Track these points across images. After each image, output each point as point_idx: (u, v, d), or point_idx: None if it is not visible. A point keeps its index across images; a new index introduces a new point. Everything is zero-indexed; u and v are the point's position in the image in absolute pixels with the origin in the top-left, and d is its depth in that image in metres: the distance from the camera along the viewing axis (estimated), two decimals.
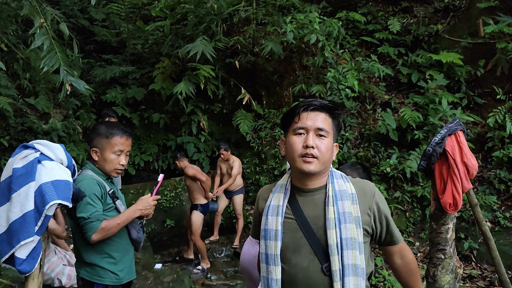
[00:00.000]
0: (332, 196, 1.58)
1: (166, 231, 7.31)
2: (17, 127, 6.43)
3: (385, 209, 1.62)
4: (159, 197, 2.59)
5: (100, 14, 10.15)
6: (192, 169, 5.75)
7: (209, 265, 5.79)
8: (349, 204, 1.55)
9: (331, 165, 1.69)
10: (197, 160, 8.06)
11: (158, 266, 5.27)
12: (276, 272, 1.56)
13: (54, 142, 2.01)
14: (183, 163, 5.88)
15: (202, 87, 7.37)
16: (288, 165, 3.21)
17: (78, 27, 9.66)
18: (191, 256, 6.06)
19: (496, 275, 4.64)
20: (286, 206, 1.63)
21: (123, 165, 2.44)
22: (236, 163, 6.47)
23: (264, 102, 8.00)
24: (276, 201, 1.65)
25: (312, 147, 1.54)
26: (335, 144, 1.66)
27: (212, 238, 6.59)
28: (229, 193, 6.56)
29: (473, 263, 5.04)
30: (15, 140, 6.33)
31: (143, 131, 8.55)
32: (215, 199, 6.43)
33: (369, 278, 1.68)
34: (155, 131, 8.57)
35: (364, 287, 1.52)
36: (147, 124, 8.55)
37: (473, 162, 2.55)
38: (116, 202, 2.39)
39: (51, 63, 4.97)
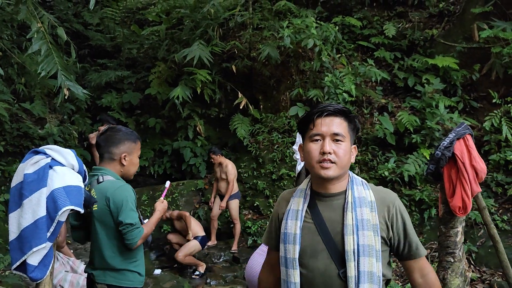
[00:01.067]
0: (351, 202, 1.58)
1: (163, 237, 7.25)
2: (12, 132, 6.36)
3: (404, 220, 1.59)
4: (165, 201, 2.69)
5: (95, 19, 10.11)
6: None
7: (205, 266, 5.75)
8: (367, 212, 1.55)
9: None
10: (194, 164, 8.03)
11: (158, 271, 5.24)
12: (295, 276, 1.58)
13: None
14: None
15: (198, 92, 7.35)
16: (298, 168, 3.20)
17: (72, 32, 9.61)
18: (197, 272, 5.98)
19: (496, 277, 4.70)
20: (306, 211, 1.64)
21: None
22: (229, 167, 6.39)
23: (261, 106, 8.00)
24: (296, 205, 1.66)
25: (329, 153, 1.54)
26: (353, 146, 1.66)
27: (210, 243, 6.54)
28: (224, 198, 6.52)
29: (472, 266, 5.06)
30: (11, 146, 6.27)
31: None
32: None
33: (386, 285, 1.68)
34: (151, 135, 8.53)
35: None
36: (143, 128, 8.50)
37: (481, 166, 2.58)
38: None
39: (49, 67, 4.92)
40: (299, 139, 2.97)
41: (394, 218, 1.57)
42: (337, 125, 1.58)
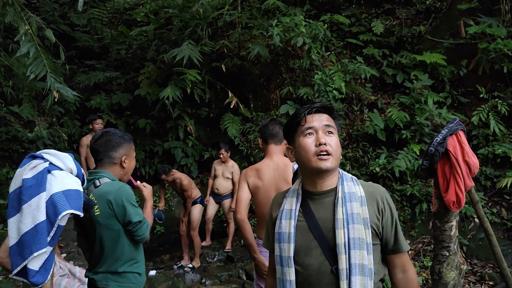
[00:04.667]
0: (342, 197, 1.61)
1: (156, 238, 7.24)
2: (1, 136, 6.28)
3: (392, 213, 1.63)
4: (147, 184, 2.64)
5: (81, 20, 10.02)
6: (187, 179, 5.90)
7: (199, 264, 5.78)
8: (357, 206, 1.58)
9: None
10: (185, 164, 8.02)
11: (153, 272, 5.23)
12: (290, 274, 1.60)
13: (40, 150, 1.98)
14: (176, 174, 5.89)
15: (188, 92, 7.34)
16: (295, 167, 3.20)
17: (59, 33, 9.49)
18: (190, 264, 5.95)
19: (487, 270, 4.78)
20: (299, 210, 1.66)
21: None
22: (236, 167, 6.39)
23: (252, 105, 8.02)
24: (289, 205, 1.69)
25: (325, 144, 1.58)
26: None
27: (204, 244, 6.52)
28: (218, 197, 6.48)
29: (463, 259, 5.14)
30: (0, 150, 6.18)
31: None
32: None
33: (382, 281, 1.69)
34: (141, 137, 8.49)
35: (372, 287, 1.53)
36: (133, 130, 8.45)
37: (474, 161, 2.64)
38: None
39: (38, 70, 4.88)
40: None
41: (383, 210, 1.61)
42: (326, 119, 1.65)
